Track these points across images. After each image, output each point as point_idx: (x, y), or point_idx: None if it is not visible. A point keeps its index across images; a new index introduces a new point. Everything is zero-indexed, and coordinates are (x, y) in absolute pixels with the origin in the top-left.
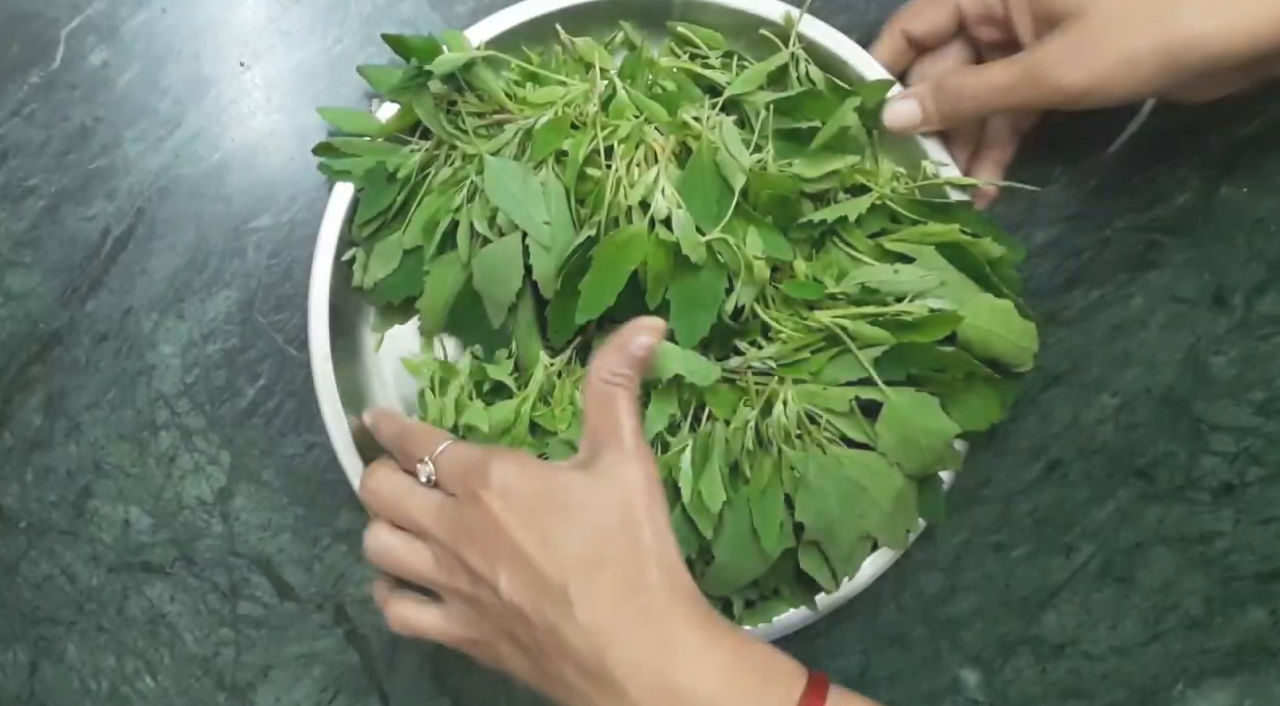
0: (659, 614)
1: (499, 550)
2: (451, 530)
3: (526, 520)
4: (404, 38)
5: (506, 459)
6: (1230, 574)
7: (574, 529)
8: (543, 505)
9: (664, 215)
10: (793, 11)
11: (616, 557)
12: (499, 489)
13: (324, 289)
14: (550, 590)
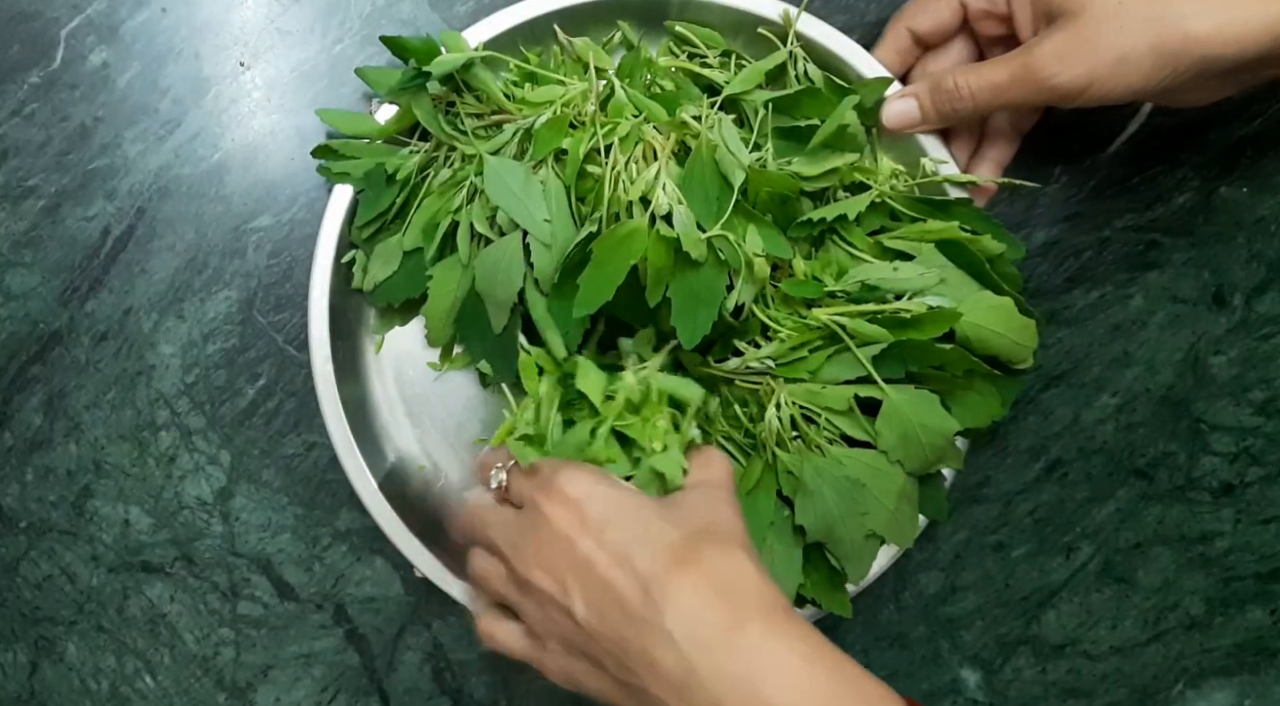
0: (753, 625)
1: (568, 566)
2: (517, 545)
3: (598, 532)
4: (402, 39)
5: (575, 468)
6: (1230, 574)
7: (652, 538)
8: (615, 514)
9: (664, 211)
10: (791, 10)
11: (701, 565)
12: (563, 497)
13: (324, 290)
14: (628, 605)
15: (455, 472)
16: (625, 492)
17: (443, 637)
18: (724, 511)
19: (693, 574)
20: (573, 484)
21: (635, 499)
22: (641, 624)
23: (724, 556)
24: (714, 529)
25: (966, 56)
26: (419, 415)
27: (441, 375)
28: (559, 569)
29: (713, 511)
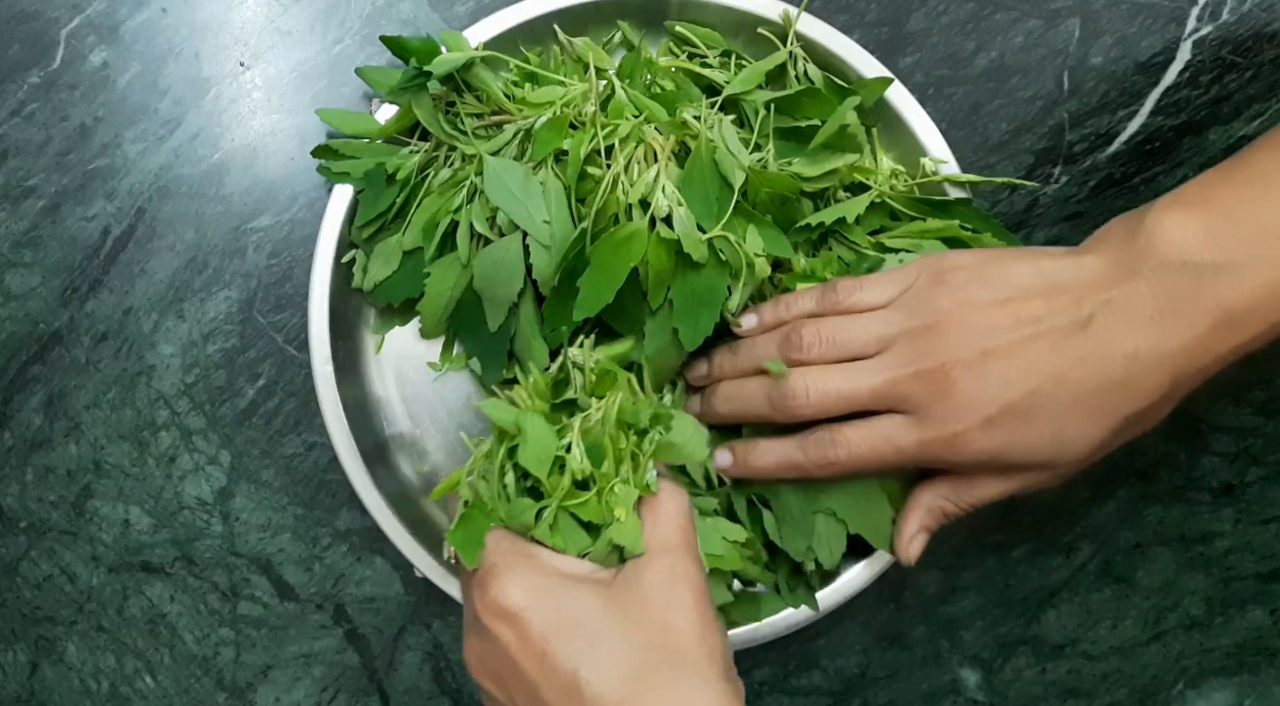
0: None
1: (513, 684)
2: (472, 651)
3: (540, 654)
4: (403, 39)
5: (515, 569)
6: (1230, 574)
7: (600, 662)
8: (560, 630)
9: (664, 213)
10: (791, 10)
11: (654, 684)
12: (500, 610)
13: (324, 289)
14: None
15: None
16: (570, 597)
17: (443, 637)
18: (683, 595)
19: (648, 699)
20: (510, 594)
21: (581, 604)
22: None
23: (678, 690)
24: (672, 639)
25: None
26: (419, 415)
27: (441, 375)
28: (504, 683)
29: (671, 596)
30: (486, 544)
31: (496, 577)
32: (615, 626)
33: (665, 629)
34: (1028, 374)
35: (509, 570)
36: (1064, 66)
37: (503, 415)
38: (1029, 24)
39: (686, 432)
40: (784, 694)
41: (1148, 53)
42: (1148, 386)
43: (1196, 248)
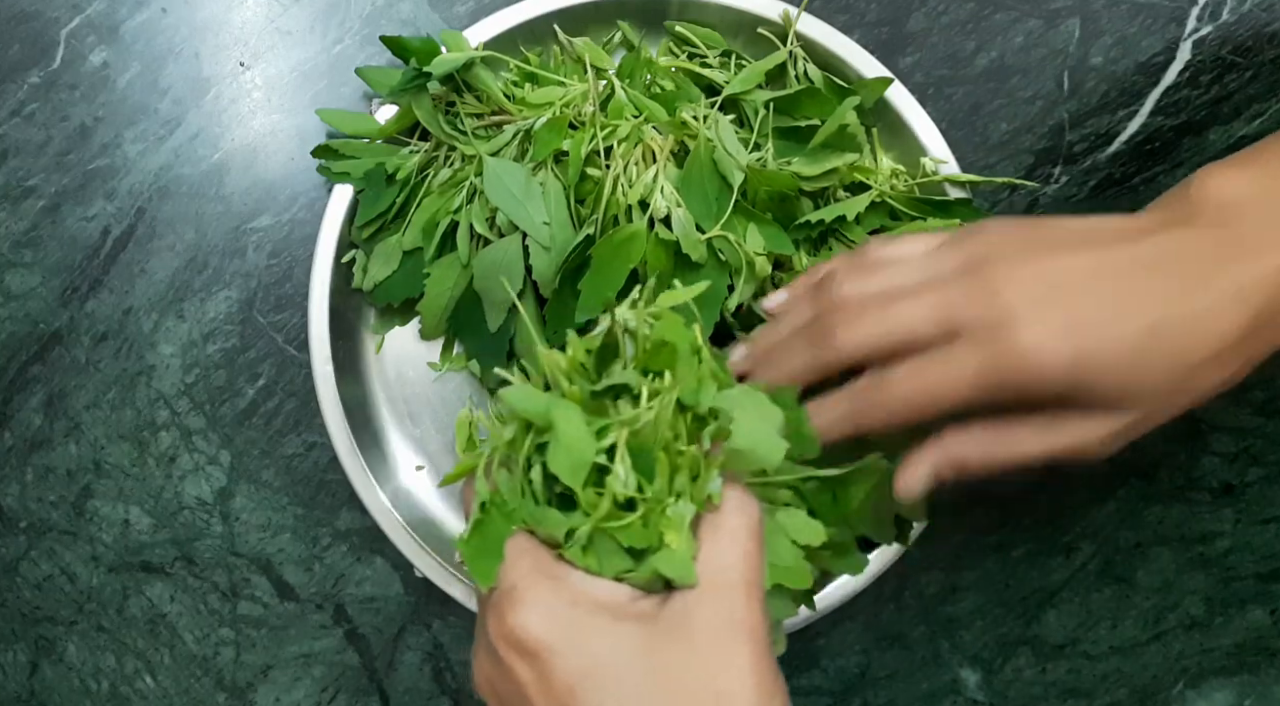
0: None
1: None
2: (483, 679)
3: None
4: (402, 39)
5: (539, 594)
6: (1230, 574)
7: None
8: (586, 679)
9: (663, 214)
10: (791, 10)
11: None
12: (520, 644)
13: (324, 290)
14: None
15: None
16: (603, 638)
17: (443, 637)
18: (740, 651)
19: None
20: (532, 627)
21: (616, 648)
22: None
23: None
24: (713, 680)
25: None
26: (419, 415)
27: (441, 375)
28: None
29: (726, 651)
30: (506, 556)
31: (516, 604)
32: (655, 683)
33: (715, 695)
34: (1098, 285)
35: (531, 595)
36: (1064, 66)
37: (530, 403)
38: (1029, 24)
39: (754, 425)
40: None
41: (1148, 53)
42: (1223, 326)
43: (1249, 195)
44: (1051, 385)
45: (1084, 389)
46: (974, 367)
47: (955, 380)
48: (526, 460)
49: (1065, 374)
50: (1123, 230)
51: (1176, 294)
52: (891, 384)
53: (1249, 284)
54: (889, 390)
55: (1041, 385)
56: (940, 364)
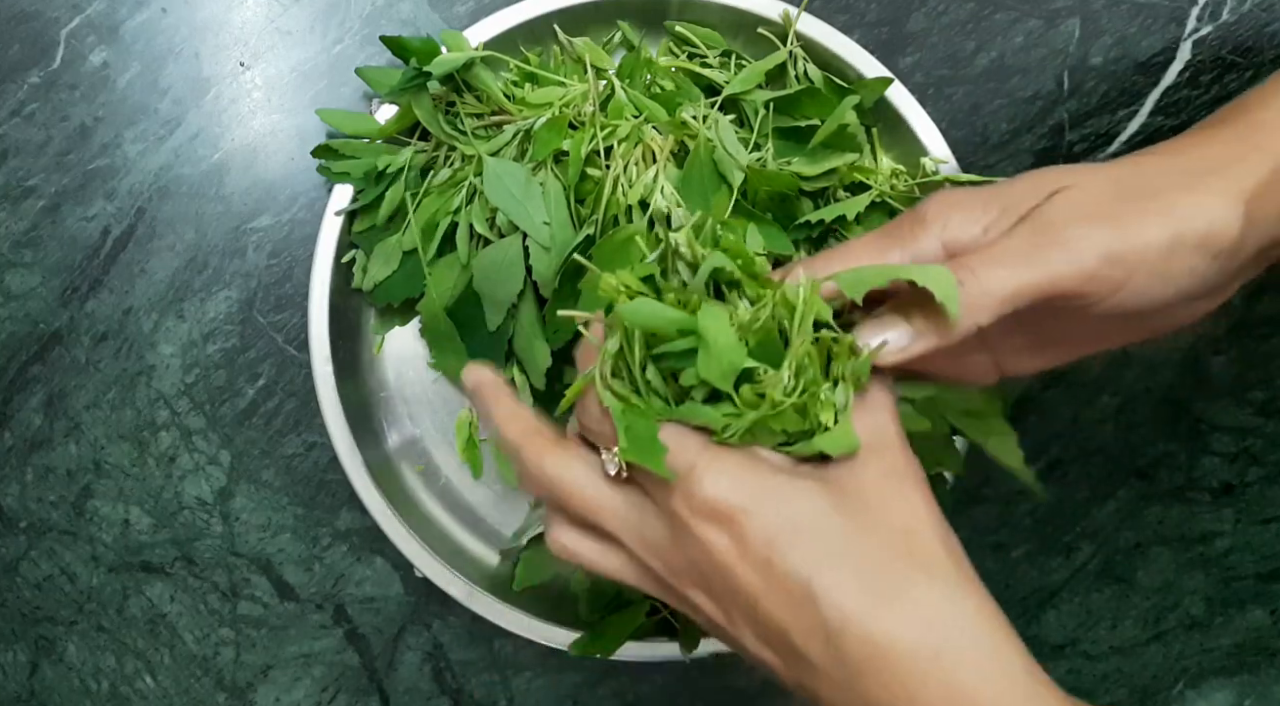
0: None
1: (730, 598)
2: (665, 561)
3: (764, 560)
4: (402, 39)
5: (721, 465)
6: (1230, 574)
7: (836, 565)
8: (784, 530)
9: (663, 214)
10: (791, 10)
11: (907, 611)
12: (712, 511)
13: (324, 289)
14: (812, 660)
15: (455, 472)
16: (792, 496)
17: (443, 637)
18: (912, 495)
19: (897, 621)
20: (724, 491)
21: (807, 504)
22: (829, 682)
23: (930, 599)
24: (914, 544)
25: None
26: (419, 415)
27: (441, 375)
28: (714, 591)
29: (901, 498)
30: (670, 444)
31: (703, 474)
32: (848, 529)
33: (906, 534)
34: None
35: (715, 465)
36: (1064, 66)
37: (656, 316)
38: (1029, 24)
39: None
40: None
41: (1148, 53)
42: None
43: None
44: (1094, 265)
45: (1122, 265)
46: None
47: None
48: (641, 366)
49: (1105, 247)
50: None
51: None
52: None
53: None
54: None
55: (1082, 264)
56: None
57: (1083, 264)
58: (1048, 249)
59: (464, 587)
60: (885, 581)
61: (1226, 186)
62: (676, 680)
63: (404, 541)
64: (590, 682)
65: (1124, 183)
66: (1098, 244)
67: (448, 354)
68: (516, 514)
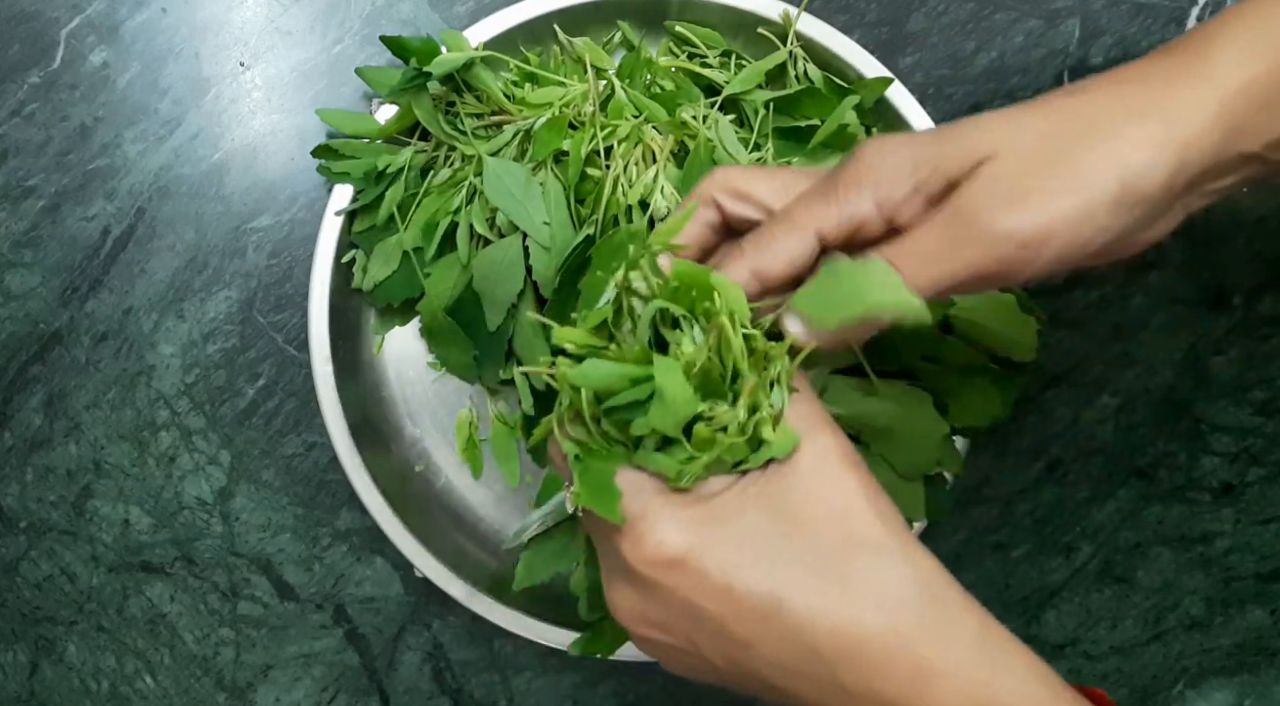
0: (962, 650)
1: (695, 630)
2: (627, 611)
3: (724, 589)
4: (402, 39)
5: (661, 513)
6: (1230, 574)
7: (790, 574)
8: (735, 554)
9: (663, 214)
10: (791, 10)
11: (855, 578)
12: (662, 560)
13: (324, 289)
14: (795, 666)
15: (454, 472)
16: (733, 520)
17: (443, 637)
18: (844, 474)
19: (854, 607)
20: (670, 540)
21: (747, 524)
22: (811, 682)
23: (883, 577)
24: (854, 526)
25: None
26: (419, 415)
27: (441, 375)
28: (675, 629)
29: (834, 481)
30: (624, 491)
31: (647, 526)
32: (792, 533)
33: (842, 517)
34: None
35: (657, 514)
36: (1064, 66)
37: (602, 376)
38: (1029, 24)
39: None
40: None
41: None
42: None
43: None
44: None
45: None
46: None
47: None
48: (595, 419)
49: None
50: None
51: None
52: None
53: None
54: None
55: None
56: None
57: (999, 254)
58: (965, 244)
59: (464, 587)
60: (834, 570)
61: (1156, 133)
62: (676, 680)
63: (404, 541)
64: (590, 682)
65: (1052, 138)
66: (1012, 231)
67: (449, 351)
68: (516, 514)
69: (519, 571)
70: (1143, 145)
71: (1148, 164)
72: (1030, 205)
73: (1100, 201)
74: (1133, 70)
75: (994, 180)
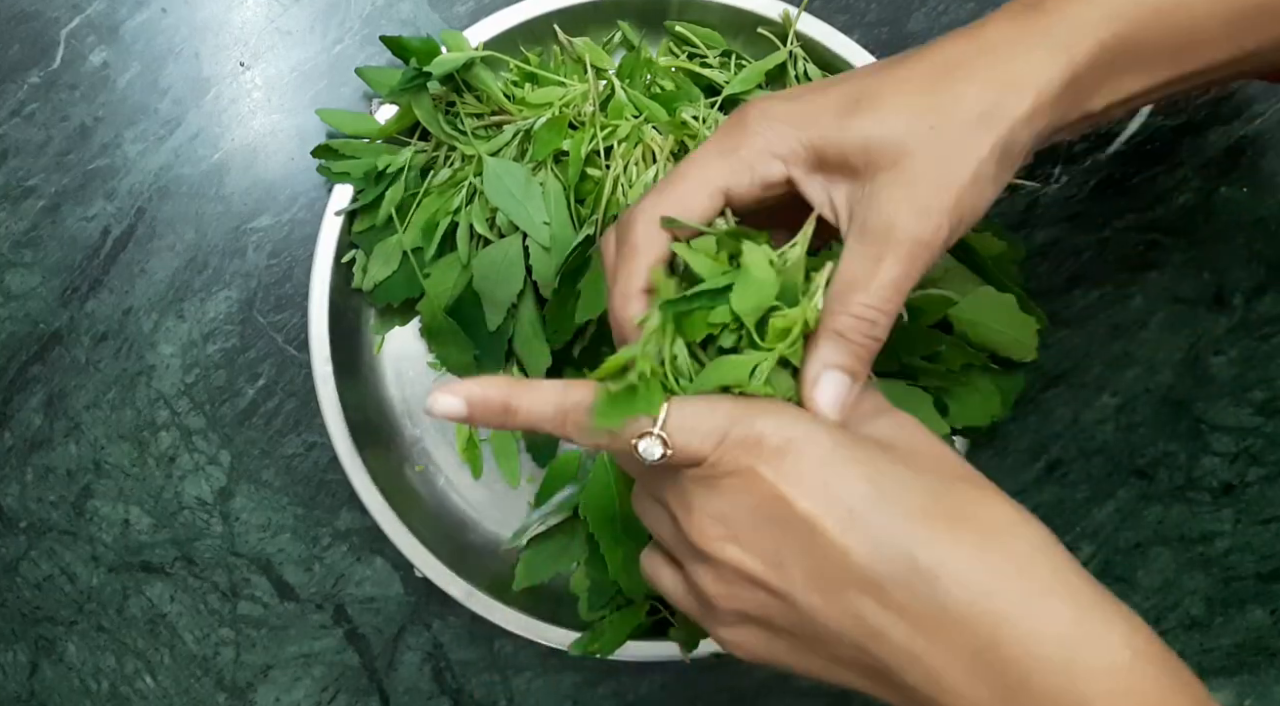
0: (1059, 605)
1: (781, 532)
2: (706, 523)
3: (824, 485)
4: (402, 39)
5: (771, 413)
6: (1230, 574)
7: (892, 479)
8: (836, 462)
9: None
10: (791, 10)
11: (971, 522)
12: (764, 449)
13: (324, 289)
14: (885, 590)
15: (454, 472)
16: (839, 434)
17: (443, 637)
18: (925, 433)
19: (969, 532)
20: (775, 430)
21: (853, 440)
22: (908, 616)
23: (990, 512)
24: (951, 463)
25: None
26: (419, 415)
27: (441, 375)
28: (765, 542)
29: (925, 438)
30: (700, 407)
31: (752, 420)
32: (905, 473)
33: (941, 458)
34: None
35: (766, 414)
36: None
37: (710, 249)
38: None
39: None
40: (784, 694)
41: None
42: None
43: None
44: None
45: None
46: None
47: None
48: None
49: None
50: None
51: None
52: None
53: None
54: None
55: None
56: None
57: (919, 259)
58: (886, 261)
59: (464, 587)
60: (940, 494)
61: (1025, 99)
62: (676, 680)
63: (404, 541)
64: (590, 682)
65: (938, 116)
66: (926, 236)
67: (449, 351)
68: (516, 514)
69: (519, 571)
70: (1014, 111)
71: (1019, 129)
72: (933, 212)
73: (986, 176)
74: (989, 33)
75: (907, 193)
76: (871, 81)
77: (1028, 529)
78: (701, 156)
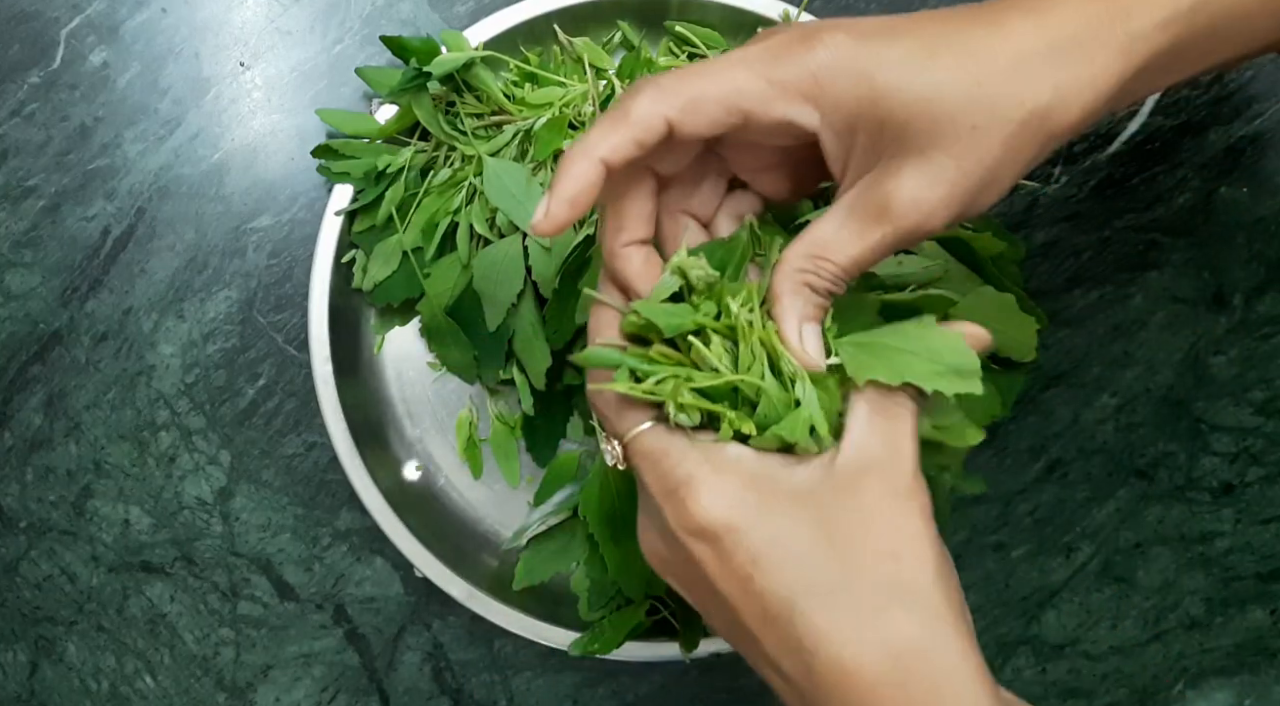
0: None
1: (709, 601)
2: (658, 561)
3: (744, 579)
4: (403, 39)
5: (717, 480)
6: (1230, 574)
7: (816, 591)
8: (768, 559)
9: None
10: (791, 10)
11: (883, 623)
12: (696, 527)
13: (324, 289)
14: (787, 678)
15: (454, 472)
16: (780, 515)
17: (443, 637)
18: (911, 518)
19: (868, 649)
20: (714, 510)
21: (793, 525)
22: (795, 694)
23: (913, 634)
24: (902, 572)
25: (716, 186)
26: (419, 415)
27: (441, 375)
28: (695, 593)
29: (898, 520)
30: (671, 454)
31: (695, 488)
32: (834, 553)
33: (893, 558)
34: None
35: (704, 481)
36: None
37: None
38: None
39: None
40: None
41: None
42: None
43: None
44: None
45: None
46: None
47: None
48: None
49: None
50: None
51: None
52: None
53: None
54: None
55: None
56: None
57: (902, 243)
58: (873, 235)
59: (464, 587)
60: (864, 608)
61: (1082, 79)
62: (676, 680)
63: (404, 541)
64: (590, 682)
65: (973, 87)
66: (923, 228)
67: (449, 351)
68: (516, 514)
69: (519, 571)
70: (1062, 121)
71: (1061, 137)
72: (939, 207)
73: (1006, 180)
74: (1056, 20)
75: (921, 181)
76: (925, 54)
77: (928, 670)
78: (742, 60)
